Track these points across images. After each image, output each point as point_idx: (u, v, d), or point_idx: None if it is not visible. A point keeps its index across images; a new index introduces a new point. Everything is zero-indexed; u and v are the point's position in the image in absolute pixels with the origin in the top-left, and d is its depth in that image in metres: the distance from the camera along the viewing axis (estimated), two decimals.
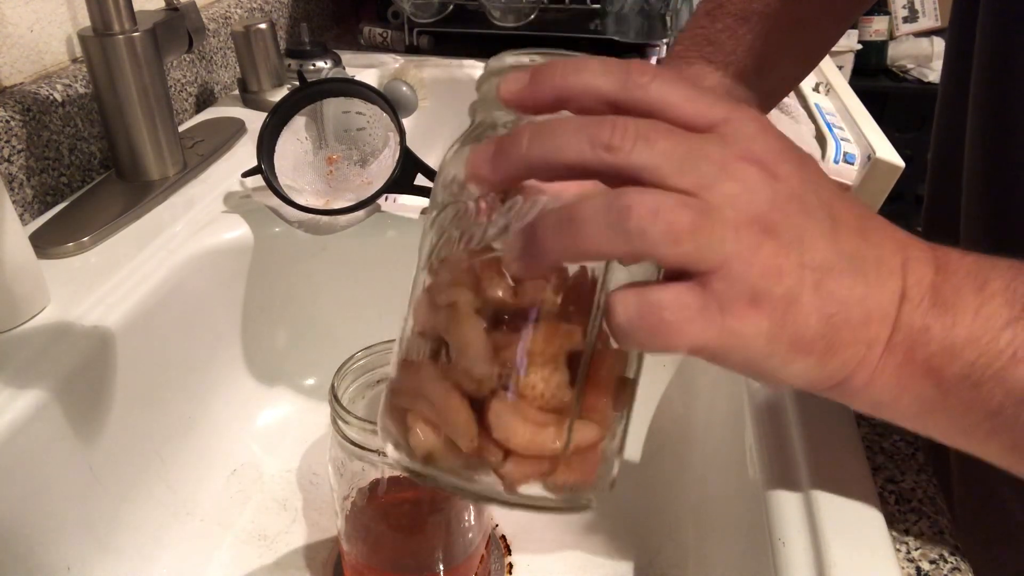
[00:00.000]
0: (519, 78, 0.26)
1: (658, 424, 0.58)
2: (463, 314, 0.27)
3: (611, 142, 0.24)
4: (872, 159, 0.81)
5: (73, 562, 0.43)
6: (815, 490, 0.34)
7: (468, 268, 0.27)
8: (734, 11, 0.54)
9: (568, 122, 0.25)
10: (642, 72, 0.26)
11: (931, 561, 0.33)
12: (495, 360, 0.26)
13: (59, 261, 0.52)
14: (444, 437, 0.27)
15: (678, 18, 0.91)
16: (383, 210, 0.62)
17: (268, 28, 0.79)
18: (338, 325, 0.63)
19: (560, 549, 0.52)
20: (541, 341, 0.26)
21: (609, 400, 0.28)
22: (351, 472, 0.41)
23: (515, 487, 0.27)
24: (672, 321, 0.25)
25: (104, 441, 0.46)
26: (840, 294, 0.26)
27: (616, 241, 0.24)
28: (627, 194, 0.24)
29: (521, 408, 0.26)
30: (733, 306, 0.25)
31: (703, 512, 0.48)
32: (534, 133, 0.25)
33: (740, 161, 0.25)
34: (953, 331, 0.27)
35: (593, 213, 0.24)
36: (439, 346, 0.28)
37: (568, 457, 0.27)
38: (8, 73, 0.58)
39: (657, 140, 0.24)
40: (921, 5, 2.09)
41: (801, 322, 0.26)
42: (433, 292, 0.28)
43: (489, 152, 0.26)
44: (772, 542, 0.33)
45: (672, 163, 0.24)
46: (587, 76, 0.26)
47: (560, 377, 0.26)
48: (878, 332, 0.27)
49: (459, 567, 0.45)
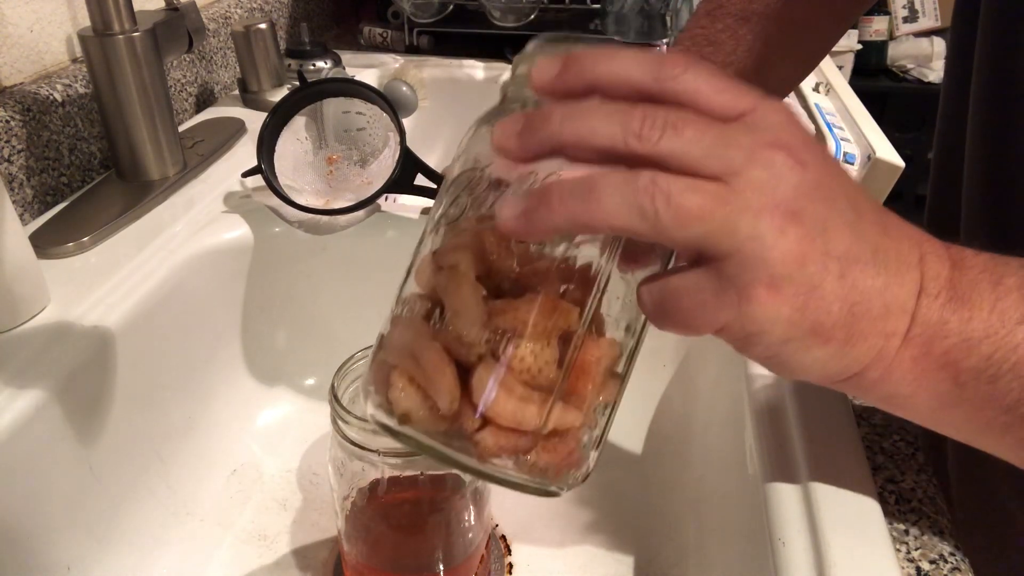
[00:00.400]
0: (551, 66, 0.27)
1: (658, 424, 0.58)
2: (463, 277, 0.27)
3: (641, 131, 0.25)
4: (872, 159, 0.81)
5: (73, 562, 0.43)
6: (815, 490, 0.34)
7: (475, 233, 0.27)
8: (734, 11, 0.54)
9: (600, 106, 0.25)
10: (674, 64, 0.26)
11: (931, 561, 0.33)
12: (488, 326, 0.26)
13: (59, 261, 0.52)
14: (425, 397, 0.27)
15: (678, 18, 0.91)
16: (383, 210, 0.62)
17: (268, 28, 0.79)
18: (338, 325, 0.63)
19: (560, 549, 0.52)
20: (536, 314, 0.26)
21: (595, 389, 0.28)
22: (351, 472, 0.41)
23: (487, 457, 0.27)
24: (689, 306, 0.26)
25: (104, 441, 0.46)
26: (863, 284, 0.26)
27: (628, 217, 0.24)
28: (644, 174, 0.24)
29: (506, 379, 0.26)
30: (751, 290, 0.25)
31: (703, 512, 0.48)
32: (567, 112, 0.25)
33: (768, 148, 0.25)
34: (970, 325, 0.27)
35: (610, 186, 0.24)
36: (435, 307, 0.28)
37: (544, 437, 0.27)
38: (8, 73, 0.58)
39: (685, 129, 0.25)
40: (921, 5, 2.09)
41: (823, 309, 0.26)
42: (437, 254, 0.28)
43: (519, 124, 0.26)
44: (772, 542, 0.33)
45: (699, 150, 0.24)
46: (619, 66, 0.26)
47: (550, 354, 0.26)
48: (897, 324, 0.27)
49: (459, 567, 0.45)
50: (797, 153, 0.25)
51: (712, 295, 0.25)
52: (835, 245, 0.26)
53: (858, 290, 0.26)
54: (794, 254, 0.25)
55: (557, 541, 0.53)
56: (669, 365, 0.59)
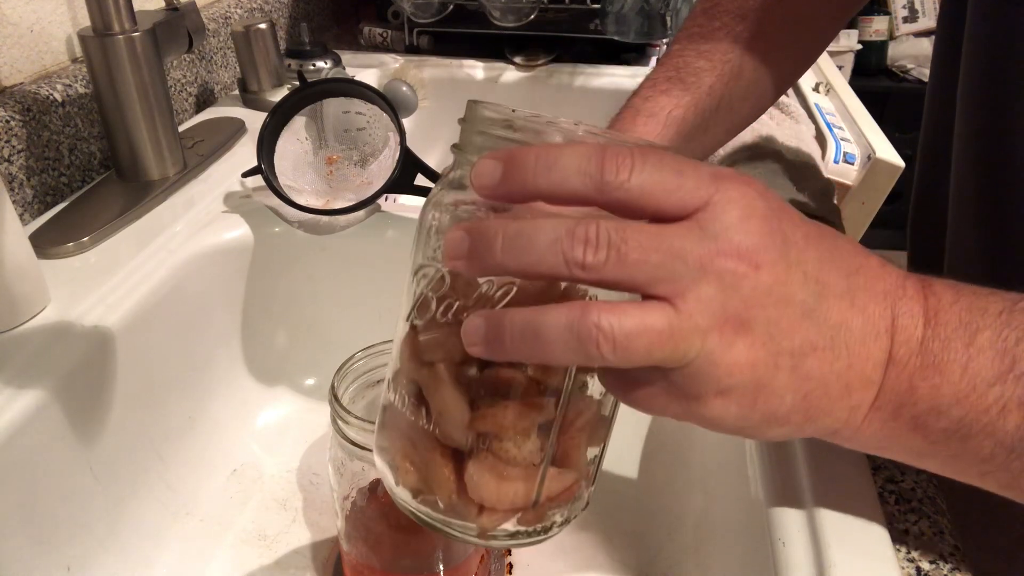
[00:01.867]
0: (492, 172, 0.26)
1: (658, 424, 0.58)
2: (441, 380, 0.28)
3: (584, 260, 0.24)
4: (872, 159, 0.81)
5: (73, 562, 0.43)
6: (815, 491, 0.34)
7: (447, 334, 0.28)
8: (731, 9, 0.54)
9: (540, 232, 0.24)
10: (617, 168, 0.25)
11: (931, 561, 0.33)
12: (471, 428, 0.28)
13: (59, 261, 0.52)
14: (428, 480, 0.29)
15: (678, 18, 0.91)
16: (383, 210, 0.62)
17: (268, 28, 0.79)
18: (338, 325, 0.63)
19: (560, 550, 0.52)
20: (512, 417, 0.27)
21: (583, 448, 0.29)
22: (351, 472, 0.41)
23: (486, 535, 0.29)
24: (642, 397, 0.27)
25: (104, 441, 0.46)
26: (819, 371, 0.26)
27: (576, 358, 0.24)
28: (588, 316, 0.24)
29: (495, 466, 0.27)
30: (699, 396, 0.26)
31: (703, 513, 0.48)
32: (508, 242, 0.25)
33: (718, 257, 0.25)
34: (940, 391, 0.27)
35: (555, 331, 0.24)
36: (423, 399, 0.29)
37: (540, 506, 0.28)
38: (8, 73, 0.58)
39: (629, 252, 0.24)
40: (921, 5, 2.09)
41: (774, 402, 0.26)
42: (416, 346, 0.29)
43: (464, 247, 0.25)
44: (772, 542, 0.33)
45: (645, 274, 0.24)
46: (560, 176, 0.25)
47: (532, 444, 0.28)
48: (861, 398, 0.28)
49: (459, 567, 0.45)
50: (750, 256, 0.25)
51: (662, 392, 0.26)
52: (788, 343, 0.26)
53: (813, 379, 0.26)
54: (742, 363, 0.25)
55: (557, 542, 0.52)
56: None
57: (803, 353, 0.26)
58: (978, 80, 0.45)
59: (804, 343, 0.26)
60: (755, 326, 0.25)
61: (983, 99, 0.45)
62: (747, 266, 0.25)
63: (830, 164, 0.79)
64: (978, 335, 0.27)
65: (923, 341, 0.27)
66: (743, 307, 0.25)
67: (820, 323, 0.26)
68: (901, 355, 0.27)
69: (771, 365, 0.26)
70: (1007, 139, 0.43)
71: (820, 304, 0.26)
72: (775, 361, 0.26)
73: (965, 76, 0.46)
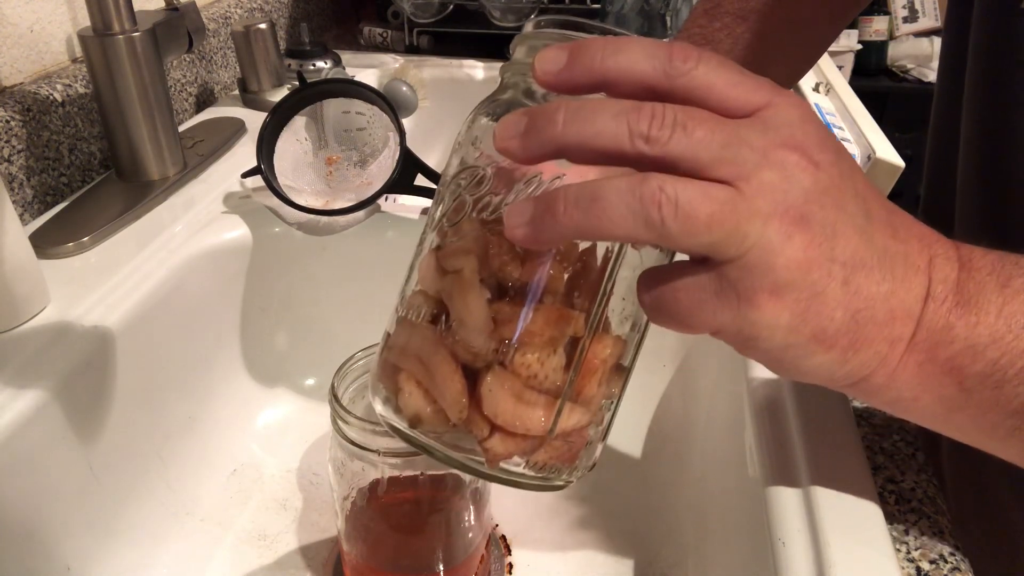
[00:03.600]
0: (556, 57, 0.25)
1: (658, 424, 0.58)
2: (468, 284, 0.26)
3: (650, 132, 0.24)
4: (872, 159, 0.81)
5: (73, 562, 0.43)
6: (815, 490, 0.34)
7: (478, 237, 0.27)
8: (732, 10, 0.54)
9: (607, 105, 0.24)
10: (685, 57, 0.25)
11: (931, 561, 0.33)
12: (494, 334, 0.26)
13: (59, 261, 0.52)
14: (433, 402, 0.27)
15: (678, 18, 0.91)
16: (383, 210, 0.62)
17: (268, 28, 0.79)
18: (338, 325, 0.63)
19: (560, 549, 0.52)
20: (541, 323, 0.26)
21: (602, 387, 0.28)
22: (351, 472, 0.41)
23: (496, 462, 0.27)
24: (687, 304, 0.25)
25: (104, 441, 0.46)
26: (868, 290, 0.26)
27: (634, 227, 0.24)
28: (651, 180, 0.23)
29: (514, 385, 0.26)
30: (752, 295, 0.25)
31: (703, 512, 0.48)
32: (570, 113, 0.24)
33: (781, 148, 0.25)
34: (976, 330, 0.27)
35: (616, 195, 0.24)
36: (440, 310, 0.27)
37: (553, 439, 0.27)
38: (8, 73, 0.58)
39: (695, 129, 0.24)
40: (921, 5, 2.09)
41: (826, 315, 0.25)
42: (441, 256, 0.28)
43: (521, 125, 0.25)
44: (772, 542, 0.33)
45: (710, 152, 0.24)
46: (627, 60, 0.25)
47: (556, 360, 0.26)
48: (902, 330, 0.27)
49: (459, 567, 0.45)
50: (810, 153, 0.25)
51: (712, 295, 0.25)
52: (841, 251, 0.25)
53: (862, 296, 0.26)
54: (799, 260, 0.24)
55: (557, 541, 0.53)
56: (669, 365, 0.59)
57: (854, 266, 0.25)
58: (983, 83, 0.45)
59: (855, 256, 0.25)
60: (813, 223, 0.25)
61: (988, 102, 0.45)
62: (808, 161, 0.25)
63: None
64: (1012, 280, 0.27)
65: (959, 282, 0.27)
66: (803, 200, 0.24)
67: (869, 242, 0.26)
68: (938, 292, 0.27)
69: (825, 272, 0.25)
70: (1012, 142, 0.43)
71: (869, 224, 0.26)
72: (828, 268, 0.25)
73: (971, 78, 0.46)
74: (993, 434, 0.28)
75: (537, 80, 0.26)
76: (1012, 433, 0.28)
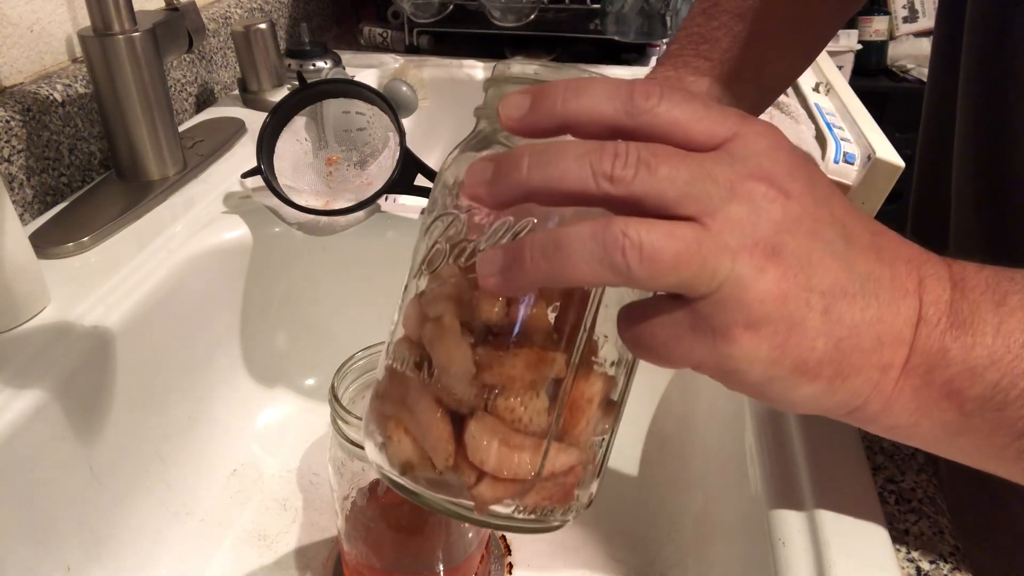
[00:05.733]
0: (520, 103, 0.25)
1: (658, 424, 0.58)
2: (448, 330, 0.27)
3: (613, 172, 0.23)
4: (872, 159, 0.81)
5: (73, 562, 0.43)
6: (815, 490, 0.34)
7: (457, 282, 0.27)
8: (730, 8, 0.54)
9: (570, 147, 0.24)
10: (647, 95, 0.25)
11: (931, 561, 0.33)
12: (476, 380, 0.26)
13: (59, 261, 0.52)
14: (422, 450, 0.27)
15: (678, 18, 0.91)
16: (383, 210, 0.62)
17: (268, 28, 0.79)
18: (338, 325, 0.63)
19: (560, 549, 0.52)
20: (521, 367, 0.26)
21: (590, 425, 0.28)
22: (351, 472, 0.41)
23: (485, 508, 0.27)
24: (663, 339, 0.25)
25: (104, 441, 0.46)
26: (850, 318, 0.25)
27: (600, 272, 0.23)
28: (614, 225, 0.23)
29: (499, 430, 0.26)
30: (727, 329, 0.24)
31: (703, 512, 0.48)
32: (535, 158, 0.24)
33: (749, 180, 0.24)
34: (973, 352, 0.26)
35: (579, 242, 0.23)
36: (424, 357, 0.27)
37: (542, 481, 0.27)
38: (8, 73, 0.58)
39: (659, 166, 0.23)
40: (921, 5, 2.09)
41: (806, 347, 0.25)
42: (422, 303, 0.28)
43: (488, 172, 0.25)
44: (772, 542, 0.33)
45: (675, 189, 0.23)
46: (589, 102, 0.25)
47: (539, 403, 0.26)
48: (893, 356, 0.26)
49: (459, 567, 0.45)
50: (780, 182, 0.24)
51: (688, 331, 0.25)
52: (819, 280, 0.25)
53: (845, 325, 0.25)
54: (773, 293, 0.24)
55: (557, 541, 0.53)
56: None
57: (834, 294, 0.25)
58: (977, 78, 0.45)
59: (835, 285, 0.25)
60: (786, 255, 0.24)
61: (982, 97, 0.45)
62: (777, 191, 0.24)
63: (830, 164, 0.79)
64: (1008, 297, 0.26)
65: (951, 303, 0.26)
66: (773, 232, 0.24)
67: (849, 268, 0.25)
68: (931, 315, 0.26)
69: (802, 302, 0.24)
70: (1007, 137, 0.43)
71: (849, 249, 0.25)
72: (807, 298, 0.24)
73: (965, 74, 0.46)
74: (1000, 457, 0.28)
75: (502, 126, 0.26)
76: (1020, 456, 0.27)
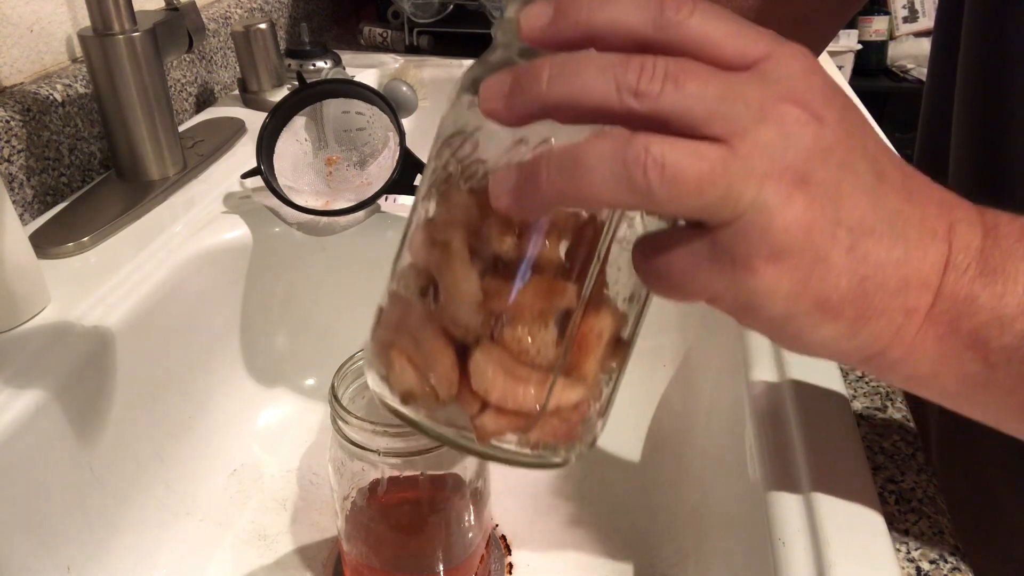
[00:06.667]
0: (542, 12, 0.24)
1: (658, 424, 0.58)
2: (456, 256, 0.25)
3: (639, 86, 0.22)
4: None
5: (73, 562, 0.43)
6: (815, 490, 0.34)
7: (467, 206, 0.26)
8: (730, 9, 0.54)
9: (593, 60, 0.23)
10: (678, 7, 0.23)
11: (931, 561, 0.33)
12: (483, 308, 0.25)
13: (59, 261, 0.52)
14: (425, 379, 0.26)
15: None
16: (383, 210, 0.62)
17: (268, 28, 0.79)
18: (338, 325, 0.63)
19: (560, 549, 0.52)
20: (531, 295, 0.25)
21: (597, 361, 0.27)
22: (351, 472, 0.41)
23: (488, 439, 0.26)
24: (680, 269, 0.24)
25: (104, 441, 0.46)
26: (876, 256, 0.24)
27: (620, 192, 0.22)
28: (636, 141, 0.22)
29: (504, 361, 0.25)
30: (748, 260, 0.23)
31: (703, 512, 0.48)
32: (555, 70, 0.23)
33: (781, 103, 0.23)
34: (1003, 301, 0.25)
35: (599, 159, 0.22)
36: (430, 284, 0.27)
37: (547, 416, 0.26)
38: (8, 73, 0.58)
39: (687, 82, 0.22)
40: (921, 5, 2.09)
41: (829, 283, 0.24)
42: (429, 228, 0.27)
43: (505, 86, 0.23)
44: (772, 542, 0.33)
45: (703, 108, 0.22)
46: (616, 12, 0.23)
47: (547, 334, 0.25)
48: (917, 300, 0.25)
49: (459, 567, 0.45)
50: (813, 107, 0.23)
51: (707, 261, 0.24)
52: (847, 214, 0.23)
53: (870, 263, 0.24)
54: (799, 223, 0.23)
55: (557, 541, 0.53)
56: (669, 365, 0.59)
57: (862, 231, 0.24)
58: (976, 78, 0.45)
59: (863, 221, 0.24)
60: (814, 184, 0.23)
61: (980, 97, 0.45)
62: (810, 116, 0.23)
63: None
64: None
65: (982, 250, 0.25)
66: (804, 159, 0.23)
67: (878, 205, 0.24)
68: (960, 260, 0.25)
69: (828, 235, 0.23)
70: (1005, 137, 0.43)
71: (879, 186, 0.24)
72: (832, 232, 0.23)
73: (963, 74, 0.46)
74: (1020, 415, 0.27)
75: (523, 36, 0.24)
76: None
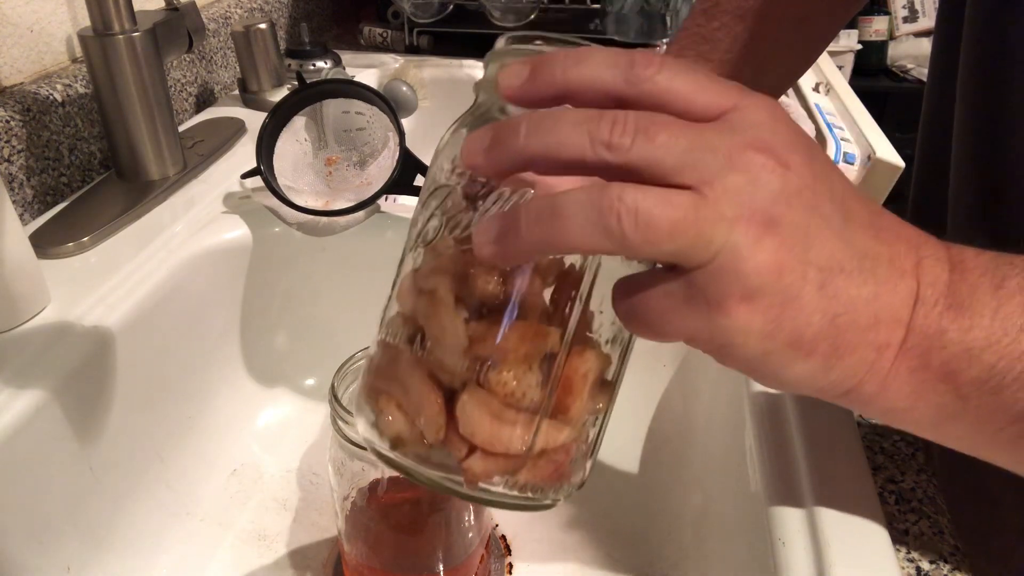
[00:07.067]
0: (519, 72, 0.25)
1: (658, 424, 0.58)
2: (442, 303, 0.26)
3: (611, 139, 0.23)
4: (872, 159, 0.81)
5: (73, 562, 0.43)
6: (815, 490, 0.34)
7: (452, 256, 0.27)
8: (730, 9, 0.54)
9: (568, 115, 0.24)
10: (647, 64, 0.24)
11: (931, 561, 0.33)
12: (469, 353, 0.26)
13: (59, 261, 0.52)
14: (413, 424, 0.27)
15: (678, 18, 0.91)
16: (383, 210, 0.62)
17: (268, 28, 0.79)
18: (338, 325, 0.63)
19: (560, 549, 0.52)
20: (515, 340, 0.26)
21: (583, 402, 0.27)
22: (351, 472, 0.41)
23: (476, 482, 0.27)
24: (656, 311, 0.25)
25: (104, 441, 0.46)
26: (847, 294, 0.25)
27: (595, 239, 0.23)
28: (610, 190, 0.23)
29: (491, 404, 0.26)
30: (722, 301, 0.24)
31: (703, 512, 0.48)
32: (532, 125, 0.24)
33: (748, 150, 0.24)
34: (970, 334, 0.26)
35: (575, 207, 0.23)
36: (417, 331, 0.27)
37: (533, 458, 0.26)
38: (8, 73, 0.58)
39: (657, 134, 0.23)
40: (921, 5, 2.09)
41: (802, 321, 0.25)
42: (416, 277, 0.28)
43: (485, 140, 0.25)
44: (772, 542, 0.33)
45: (673, 158, 0.23)
46: (589, 70, 0.25)
47: (533, 377, 0.26)
48: (889, 335, 0.26)
49: (459, 567, 0.45)
50: (779, 154, 0.24)
51: (682, 303, 0.25)
52: (816, 253, 0.24)
53: (841, 300, 0.25)
54: (770, 264, 0.24)
55: (557, 541, 0.53)
56: (669, 365, 0.59)
57: (831, 270, 0.24)
58: (976, 78, 0.45)
59: (832, 260, 0.25)
60: (783, 226, 0.24)
61: (981, 97, 0.45)
62: (776, 162, 0.24)
63: None
64: (1007, 281, 0.26)
65: (950, 284, 0.26)
66: (771, 203, 0.24)
67: (847, 244, 0.25)
68: (928, 296, 0.26)
69: (799, 275, 0.24)
70: (1005, 137, 0.43)
71: (847, 226, 0.25)
72: (803, 271, 0.24)
73: (964, 74, 0.46)
74: (995, 443, 0.27)
75: (501, 95, 0.26)
76: (1015, 441, 0.27)
